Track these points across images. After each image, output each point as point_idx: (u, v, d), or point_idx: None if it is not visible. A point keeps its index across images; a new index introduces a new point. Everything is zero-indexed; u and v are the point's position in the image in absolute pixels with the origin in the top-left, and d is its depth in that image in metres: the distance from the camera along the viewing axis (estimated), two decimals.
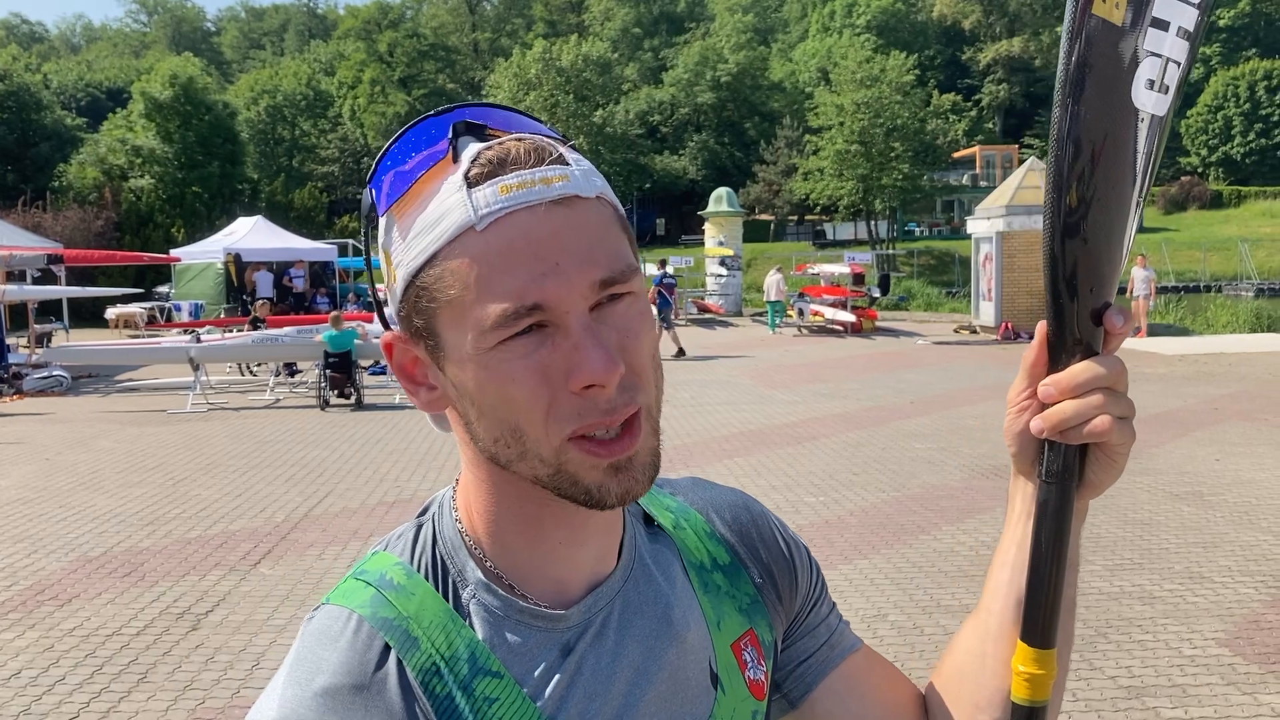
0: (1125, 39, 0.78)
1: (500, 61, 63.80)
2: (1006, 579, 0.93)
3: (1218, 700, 4.59)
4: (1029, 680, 0.86)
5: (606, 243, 0.76)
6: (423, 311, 0.77)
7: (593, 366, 0.73)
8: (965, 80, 77.87)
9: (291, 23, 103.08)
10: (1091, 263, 0.81)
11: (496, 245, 0.73)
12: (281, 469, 9.99)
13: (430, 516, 0.88)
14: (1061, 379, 0.82)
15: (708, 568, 0.95)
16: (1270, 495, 8.20)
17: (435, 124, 0.78)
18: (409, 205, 0.76)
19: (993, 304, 23.45)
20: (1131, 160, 0.81)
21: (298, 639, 0.81)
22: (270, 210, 40.00)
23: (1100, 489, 0.87)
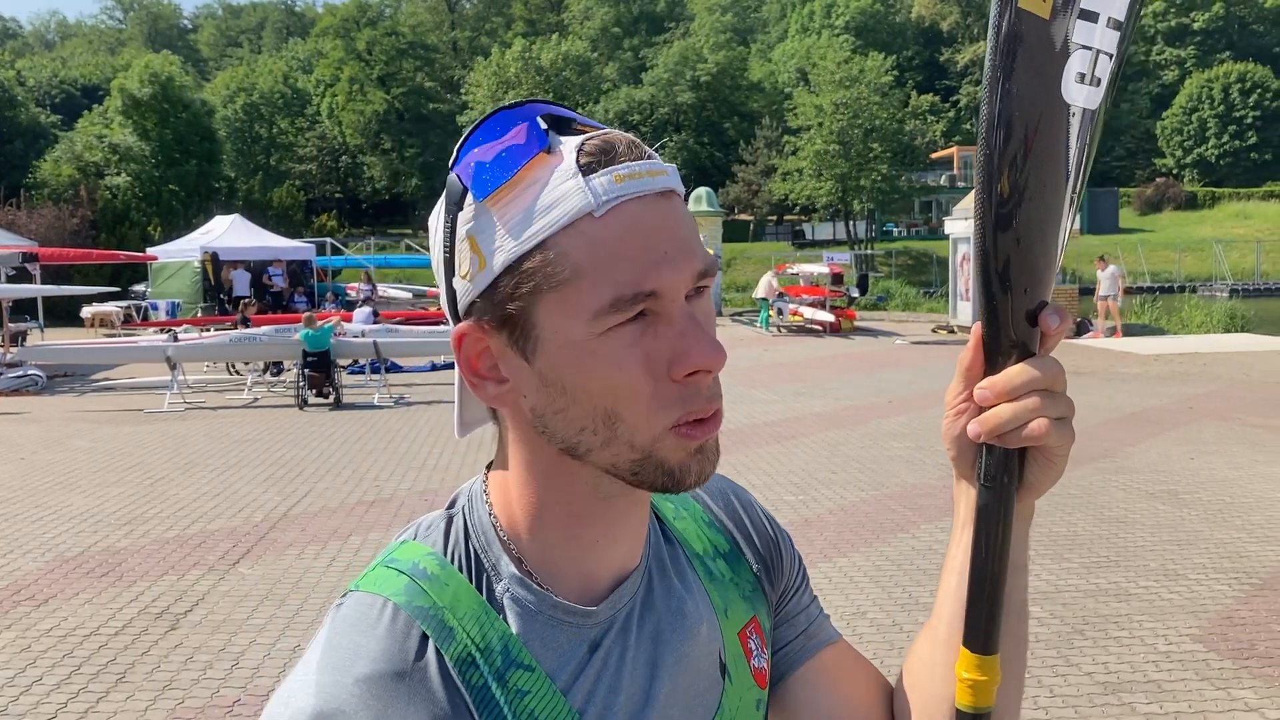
0: (1052, 30, 0.76)
1: (480, 60, 63.71)
2: (954, 585, 0.92)
3: (1192, 695, 4.64)
4: (972, 686, 0.85)
5: (697, 236, 0.79)
6: (520, 298, 0.75)
7: (704, 352, 0.75)
8: (943, 81, 78.26)
9: (269, 20, 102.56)
10: (1025, 259, 0.78)
11: (613, 232, 0.74)
12: (260, 468, 9.95)
13: (460, 509, 0.87)
14: (997, 382, 0.81)
15: (711, 556, 0.96)
16: (1244, 494, 8.29)
17: (515, 115, 0.78)
18: (509, 193, 0.75)
19: (970, 304, 23.56)
20: (1064, 154, 0.79)
21: (326, 626, 0.80)
22: (248, 209, 39.80)
23: (1041, 490, 0.85)
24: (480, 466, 3.66)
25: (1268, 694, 4.65)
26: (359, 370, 17.20)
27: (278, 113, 67.26)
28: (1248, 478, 8.85)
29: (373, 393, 14.98)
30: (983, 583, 0.84)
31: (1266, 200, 62.00)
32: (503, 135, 0.77)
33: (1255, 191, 63.90)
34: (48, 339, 22.44)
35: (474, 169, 0.76)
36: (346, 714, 0.73)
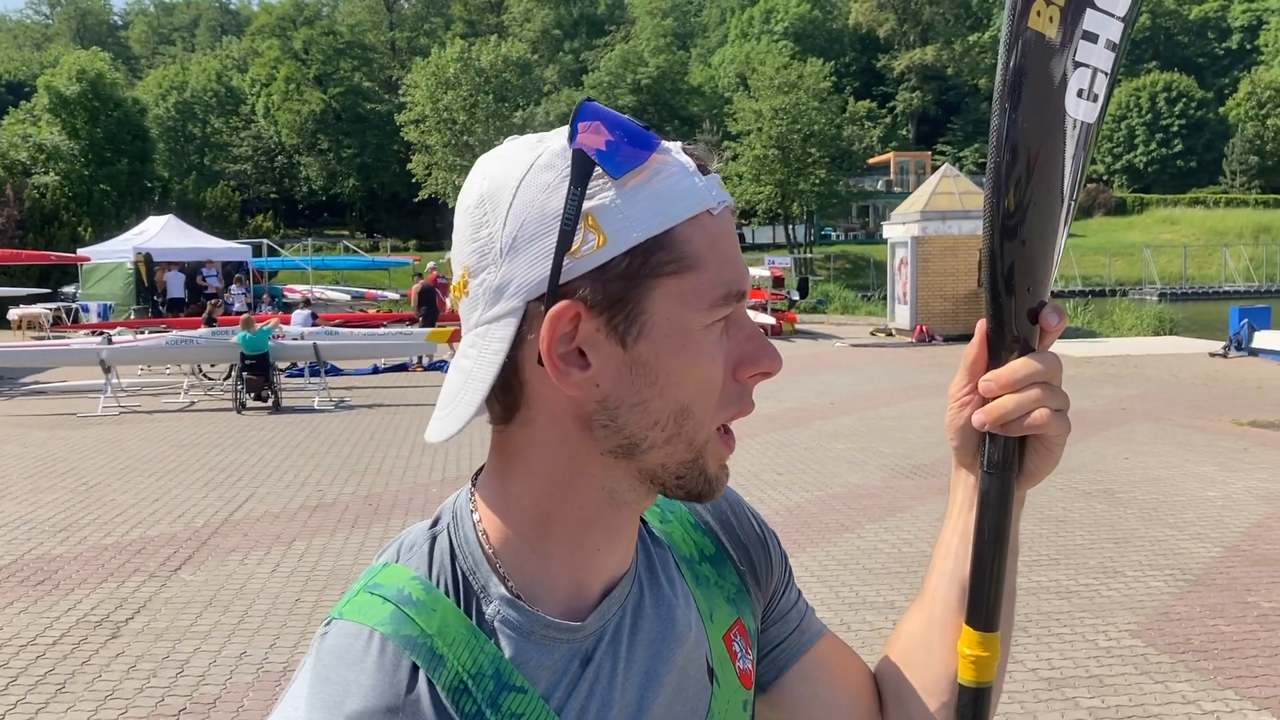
0: (1058, 51, 0.82)
1: (418, 61, 63.18)
2: (951, 567, 0.96)
3: (1132, 689, 4.76)
4: (974, 662, 0.89)
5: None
6: (638, 279, 0.75)
7: (773, 356, 0.81)
8: (880, 87, 79.24)
9: (203, 18, 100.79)
10: (1028, 263, 0.84)
11: (722, 231, 0.79)
12: (199, 473, 9.78)
13: (445, 528, 0.85)
14: (1001, 374, 0.85)
15: (696, 559, 0.96)
16: (1176, 492, 8.50)
17: (599, 110, 0.77)
18: (639, 176, 0.75)
19: (908, 307, 23.89)
20: (1063, 166, 0.85)
21: (311, 658, 0.77)
22: (182, 209, 39.06)
23: (1039, 478, 0.90)
24: (424, 471, 3.69)
25: (1203, 687, 4.77)
26: (298, 373, 16.98)
27: (212, 112, 66.17)
28: (1179, 477, 9.08)
29: (312, 396, 14.78)
30: (985, 563, 0.89)
31: (1192, 206, 63.65)
32: (607, 125, 0.76)
33: (1182, 198, 65.57)
34: None
35: (606, 149, 0.75)
36: None
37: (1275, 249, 52.25)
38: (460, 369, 0.80)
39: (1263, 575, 6.37)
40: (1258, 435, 11.04)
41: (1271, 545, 6.99)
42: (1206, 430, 11.36)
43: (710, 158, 0.81)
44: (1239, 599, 5.96)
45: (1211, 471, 9.27)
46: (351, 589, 0.82)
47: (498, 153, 0.81)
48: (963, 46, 79.60)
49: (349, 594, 0.82)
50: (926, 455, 10.13)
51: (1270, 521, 7.58)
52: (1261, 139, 73.11)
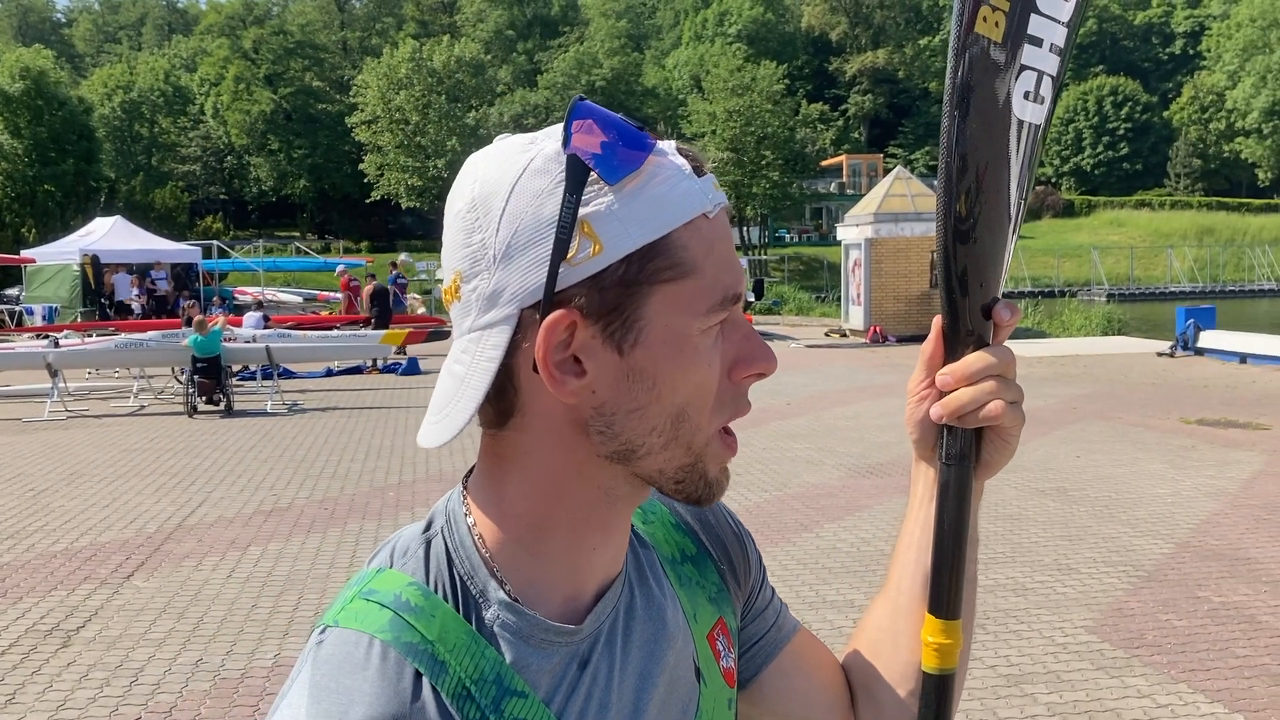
0: (1005, 55, 0.84)
1: (370, 61, 62.73)
2: (914, 558, 0.99)
3: (1089, 684, 4.82)
4: (938, 650, 0.91)
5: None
6: (634, 286, 0.74)
7: (768, 356, 0.81)
8: (832, 90, 79.86)
9: (149, 16, 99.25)
10: (980, 263, 0.87)
11: (718, 234, 0.78)
12: (150, 478, 9.62)
13: (439, 532, 0.83)
14: (957, 368, 0.88)
15: (678, 560, 0.96)
16: (1127, 489, 8.64)
17: (592, 109, 0.76)
18: (635, 182, 0.74)
19: (862, 308, 24.08)
20: (1012, 168, 0.87)
21: (308, 667, 0.75)
22: (129, 210, 38.50)
23: (996, 469, 0.93)
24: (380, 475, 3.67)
25: (1157, 681, 4.85)
26: (250, 376, 16.77)
27: (159, 111, 65.23)
28: (1130, 474, 9.22)
29: (265, 399, 14.61)
30: (946, 553, 0.91)
31: (1139, 209, 64.78)
32: (601, 125, 0.75)
33: (1128, 200, 66.73)
34: None
35: (601, 152, 0.73)
36: None
37: (1218, 250, 53.34)
38: (453, 374, 0.79)
39: (1212, 570, 6.49)
40: (1205, 433, 11.25)
41: (1220, 541, 7.12)
42: (1155, 429, 11.56)
43: (704, 158, 0.80)
44: (1190, 594, 6.06)
45: (1161, 469, 9.43)
46: (343, 596, 0.81)
47: (488, 154, 0.79)
48: (913, 50, 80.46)
49: (341, 601, 0.80)
50: (883, 455, 10.21)
51: (1219, 518, 7.72)
52: (1204, 142, 74.68)
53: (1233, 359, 18.34)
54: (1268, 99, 69.51)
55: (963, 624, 0.92)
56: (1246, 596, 6.01)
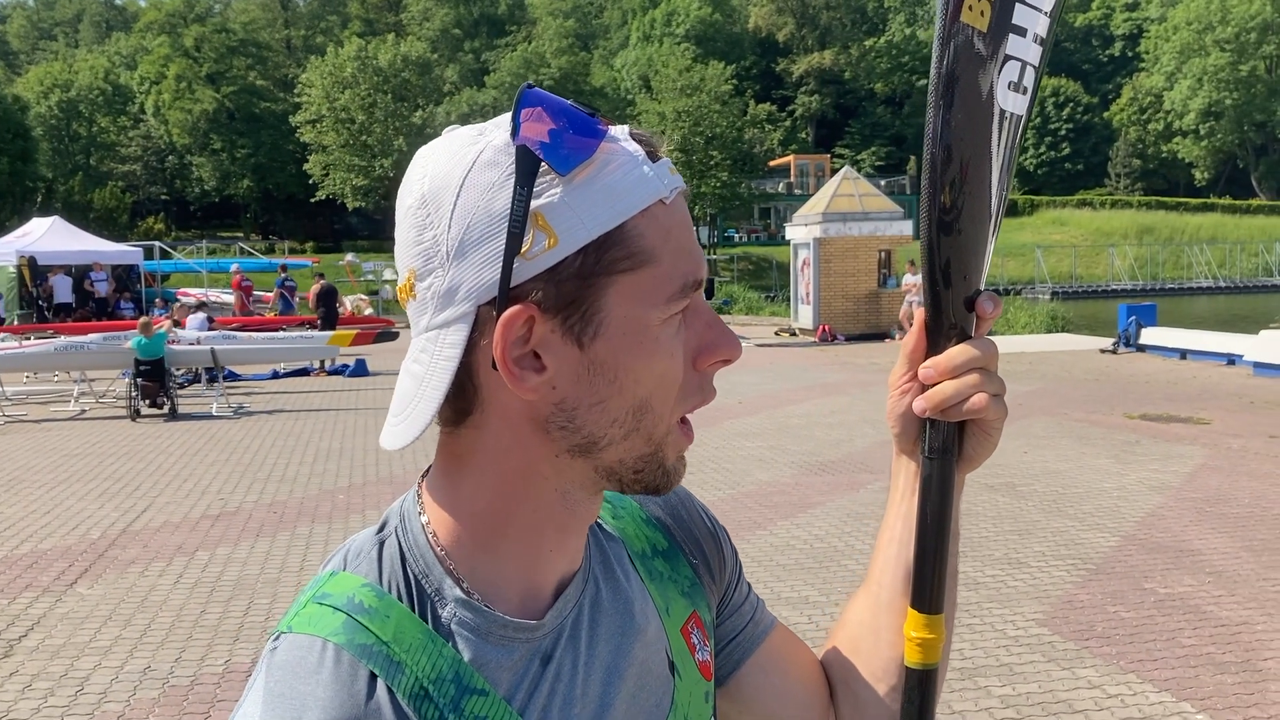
0: (990, 44, 0.83)
1: (314, 59, 62.06)
2: (895, 553, 0.98)
3: (1041, 676, 4.89)
4: (920, 645, 0.91)
5: None
6: (591, 278, 0.73)
7: (732, 343, 0.79)
8: (780, 91, 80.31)
9: (87, 13, 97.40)
10: (963, 255, 0.86)
11: (676, 220, 0.76)
12: (93, 483, 9.43)
13: (393, 532, 0.82)
14: (940, 361, 0.87)
15: (649, 555, 0.95)
16: (1074, 484, 8.77)
17: (540, 97, 0.74)
18: (588, 171, 0.73)
19: (811, 307, 24.24)
20: (994, 159, 0.87)
21: (261, 675, 0.74)
22: (68, 211, 37.73)
23: (978, 462, 0.92)
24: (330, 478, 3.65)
25: (1107, 672, 4.92)
26: (194, 379, 16.51)
27: (98, 110, 64.01)
28: (1077, 469, 9.36)
29: (210, 402, 14.39)
30: (928, 547, 0.90)
31: (1080, 208, 65.80)
32: (550, 113, 0.73)
33: (1070, 200, 67.76)
34: None
35: (550, 142, 0.72)
36: None
37: (1158, 249, 54.38)
38: (412, 374, 0.77)
39: (1158, 563, 6.60)
40: (1149, 428, 11.46)
41: (1165, 533, 7.25)
42: (1100, 424, 11.75)
43: (660, 142, 0.79)
44: (1137, 586, 6.17)
45: (1107, 464, 9.59)
46: (297, 601, 0.79)
47: (436, 146, 0.77)
48: (859, 51, 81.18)
49: (295, 606, 0.78)
50: (834, 452, 10.28)
51: (1163, 511, 7.87)
52: (1143, 143, 76.16)
53: (1173, 355, 18.71)
54: (1204, 100, 71.08)
55: (945, 618, 0.92)
56: (1191, 587, 6.12)
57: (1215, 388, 14.83)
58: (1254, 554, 6.75)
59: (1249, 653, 5.14)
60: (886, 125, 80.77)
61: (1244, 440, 10.62)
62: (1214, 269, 52.10)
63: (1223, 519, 7.61)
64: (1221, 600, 5.90)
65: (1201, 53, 71.58)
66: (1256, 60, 71.07)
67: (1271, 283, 50.09)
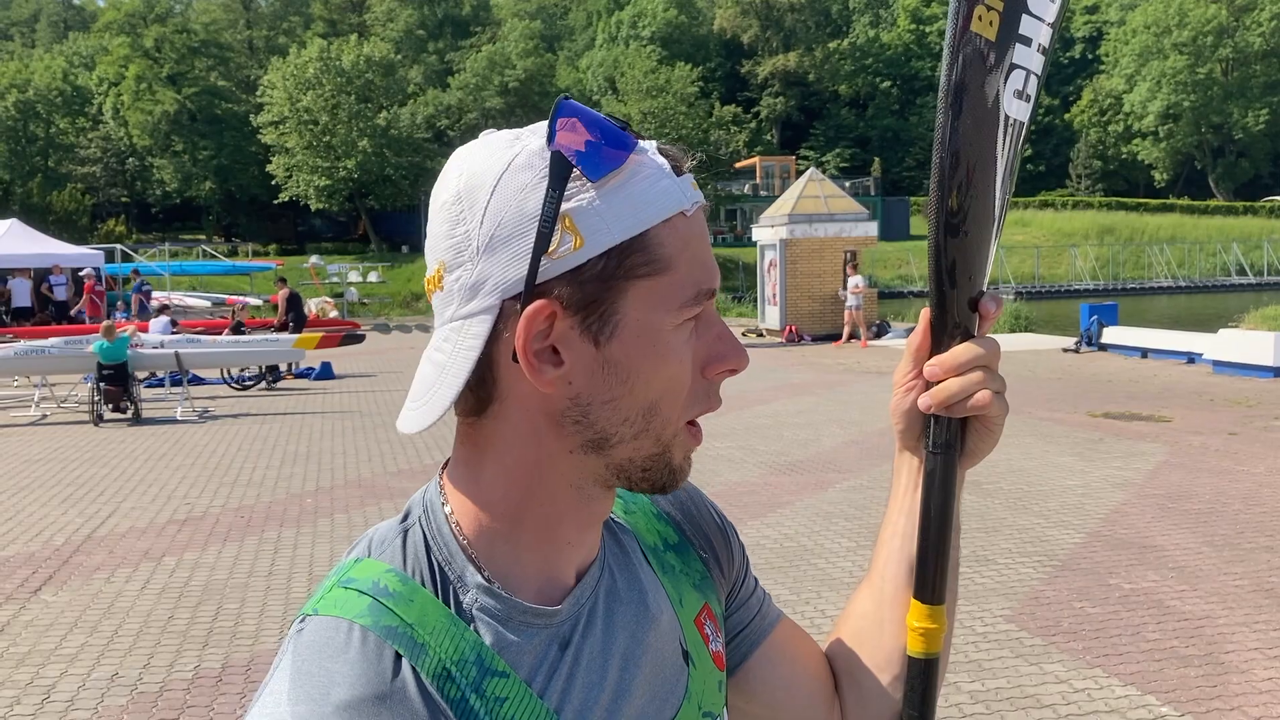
0: (997, 53, 0.86)
1: (276, 60, 61.52)
2: (898, 546, 1.01)
3: (1009, 671, 4.95)
4: (923, 634, 0.94)
5: None
6: (612, 281, 0.77)
7: (739, 354, 0.82)
8: (745, 93, 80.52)
9: (44, 12, 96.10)
10: (968, 256, 0.89)
11: (694, 232, 0.80)
12: (56, 489, 9.32)
13: (416, 522, 0.85)
14: (945, 359, 0.90)
15: (661, 549, 0.98)
16: (1039, 482, 8.87)
17: (576, 108, 0.78)
18: (617, 178, 0.77)
19: (778, 308, 24.34)
20: (999, 163, 0.90)
21: (289, 655, 0.76)
22: (26, 213, 37.25)
23: (980, 457, 0.95)
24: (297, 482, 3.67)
25: (1074, 666, 4.99)
26: (158, 383, 16.35)
27: (56, 111, 63.15)
28: (1041, 467, 9.47)
29: (174, 406, 14.25)
30: (931, 540, 0.94)
31: (1042, 209, 66.48)
32: (585, 124, 0.77)
33: (1032, 201, 68.41)
34: None
35: (585, 149, 0.76)
36: None
37: (1118, 249, 55.02)
38: (434, 362, 0.81)
39: (1122, 559, 6.69)
40: (1111, 426, 11.61)
41: (1129, 530, 7.35)
42: (1064, 422, 11.88)
43: (685, 158, 0.82)
44: (1102, 581, 6.25)
45: (1071, 461, 9.70)
46: (322, 586, 0.82)
47: (473, 148, 0.81)
48: (823, 53, 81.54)
49: (320, 591, 0.81)
50: (802, 452, 10.33)
51: (1126, 508, 7.97)
52: (1104, 144, 77.06)
53: (1134, 354, 18.95)
54: (1162, 103, 72.01)
55: (947, 609, 0.95)
56: (1155, 583, 6.21)
57: (1176, 386, 15.05)
58: (1215, 549, 6.85)
59: (1211, 646, 5.22)
60: (851, 127, 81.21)
61: (1204, 437, 10.78)
62: (1174, 269, 52.82)
63: (1184, 515, 7.73)
64: (1184, 595, 5.99)
65: (1160, 55, 72.54)
66: (1213, 63, 72.14)
67: (1229, 282, 50.88)
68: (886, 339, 23.29)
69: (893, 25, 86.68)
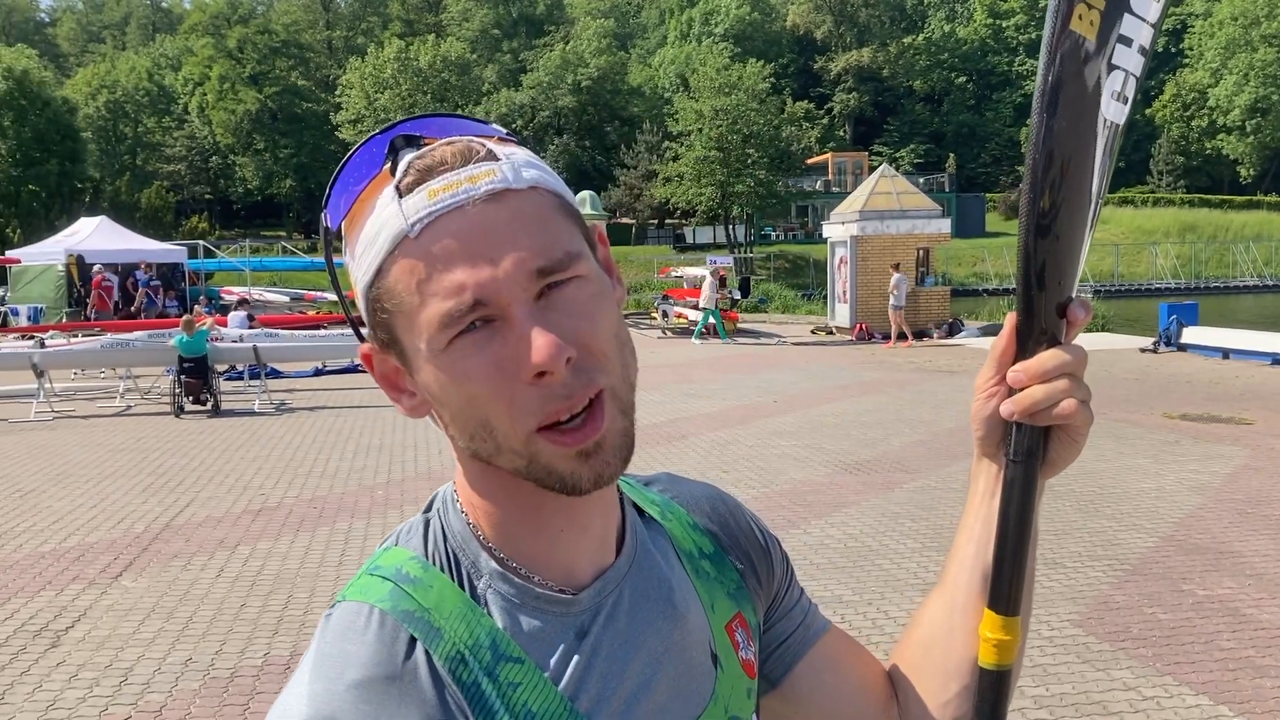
0: (1096, 54, 0.85)
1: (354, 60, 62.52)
2: (973, 554, 0.99)
3: (1075, 677, 4.86)
4: (997, 646, 0.92)
5: (544, 232, 0.77)
6: (382, 323, 0.80)
7: (539, 354, 0.73)
8: (817, 89, 79.97)
9: (134, 15, 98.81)
10: (1059, 260, 0.87)
11: (431, 249, 0.75)
12: (138, 478, 9.61)
13: (435, 512, 0.89)
14: (1031, 365, 0.88)
15: (696, 555, 0.99)
16: (1112, 485, 8.70)
17: (378, 141, 0.80)
18: (355, 221, 0.79)
19: (848, 306, 24.15)
20: (1094, 166, 0.88)
21: (316, 638, 0.80)
22: (115, 210, 38.33)
23: (1061, 467, 0.93)
24: (369, 473, 3.75)
25: (1143, 673, 4.89)
26: (237, 376, 16.74)
27: (144, 111, 64.94)
28: (1114, 469, 9.28)
29: (252, 399, 14.59)
30: (1008, 549, 0.91)
31: (1122, 206, 65.08)
32: (360, 162, 0.80)
33: (1112, 198, 66.91)
34: None
35: (337, 201, 0.81)
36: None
37: (1200, 247, 53.63)
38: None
39: (1196, 564, 6.54)
40: (1189, 428, 11.33)
41: (1204, 535, 7.18)
42: (1140, 424, 11.63)
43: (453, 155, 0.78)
44: (1174, 587, 6.11)
45: (1145, 464, 9.50)
46: (356, 575, 0.86)
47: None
48: (898, 49, 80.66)
49: (354, 578, 0.85)
50: (869, 451, 10.25)
51: (1202, 512, 7.78)
52: (1186, 140, 75.09)
53: (1215, 355, 18.45)
54: (1250, 96, 69.97)
55: (1021, 620, 0.93)
56: (1231, 590, 6.06)
57: (1258, 387, 14.63)
58: None
59: None
60: (925, 123, 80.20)
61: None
62: (1259, 267, 51.32)
63: (1265, 520, 7.52)
64: (1262, 603, 5.84)
65: (1248, 48, 70.47)
66: None
67: None
68: (960, 337, 22.99)
69: (969, 20, 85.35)
